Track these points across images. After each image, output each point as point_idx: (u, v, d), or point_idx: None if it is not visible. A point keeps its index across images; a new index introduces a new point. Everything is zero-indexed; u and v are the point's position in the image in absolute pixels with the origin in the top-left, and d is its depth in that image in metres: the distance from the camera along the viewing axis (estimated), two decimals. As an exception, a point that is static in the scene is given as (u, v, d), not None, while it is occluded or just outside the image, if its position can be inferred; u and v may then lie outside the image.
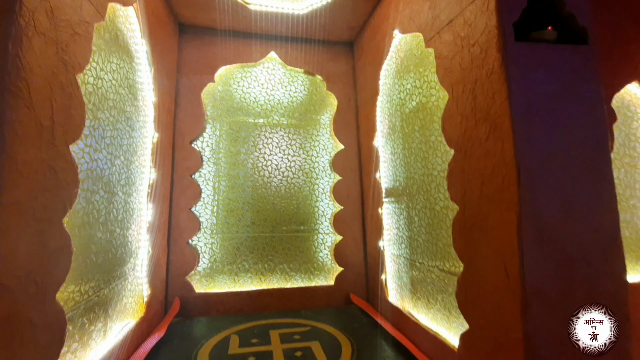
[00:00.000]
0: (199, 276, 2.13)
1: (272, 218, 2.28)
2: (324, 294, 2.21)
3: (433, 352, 1.39)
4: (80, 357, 1.13)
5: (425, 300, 1.58)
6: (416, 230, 1.67)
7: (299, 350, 1.45)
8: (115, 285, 1.41)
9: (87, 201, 1.19)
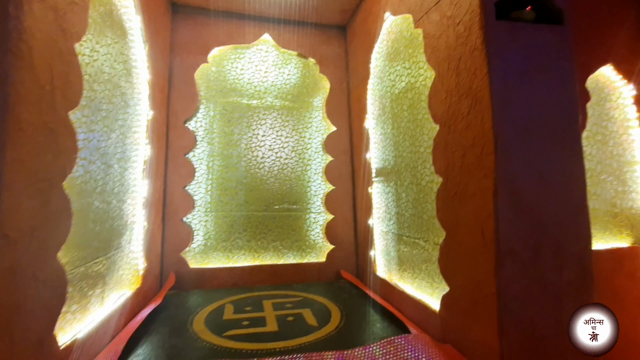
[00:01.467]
0: (194, 252, 2.18)
1: (265, 197, 2.34)
2: (316, 270, 2.28)
3: (417, 316, 1.48)
4: (80, 319, 1.18)
5: (411, 271, 1.66)
6: (403, 206, 1.75)
7: (290, 316, 1.53)
8: (112, 255, 1.46)
9: (84, 170, 1.23)
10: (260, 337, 1.30)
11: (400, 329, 1.39)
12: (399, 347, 1.12)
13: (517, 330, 1.00)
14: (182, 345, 1.25)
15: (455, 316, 1.20)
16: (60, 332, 1.04)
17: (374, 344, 1.15)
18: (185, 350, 1.21)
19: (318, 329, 1.39)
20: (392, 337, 1.17)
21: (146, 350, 1.21)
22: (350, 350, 1.12)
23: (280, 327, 1.41)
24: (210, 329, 1.37)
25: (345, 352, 1.12)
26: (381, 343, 1.15)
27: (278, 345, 1.23)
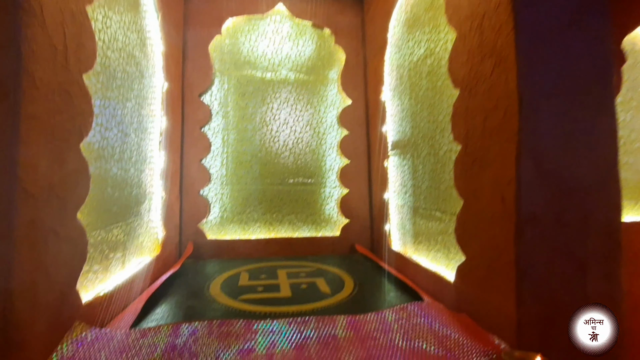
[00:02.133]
0: (211, 224, 2.23)
1: (280, 171, 2.33)
2: (330, 244, 2.29)
3: (432, 288, 1.46)
4: (102, 279, 1.23)
5: (426, 243, 1.63)
6: (420, 178, 1.70)
7: (304, 284, 1.55)
8: (131, 222, 1.51)
9: (102, 136, 1.25)
10: (274, 302, 1.33)
11: (413, 298, 1.38)
12: (412, 314, 1.12)
13: (535, 300, 0.96)
14: (198, 306, 1.29)
15: (471, 286, 1.18)
16: (82, 289, 1.09)
17: (386, 309, 1.14)
18: (201, 310, 1.25)
19: (331, 296, 1.40)
20: (405, 304, 1.16)
21: (164, 310, 1.26)
22: (362, 315, 1.13)
23: (293, 293, 1.43)
24: (226, 293, 1.41)
25: (357, 316, 1.12)
26: (394, 309, 1.14)
27: (291, 309, 1.25)
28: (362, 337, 1.03)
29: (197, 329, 1.00)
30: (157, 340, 0.96)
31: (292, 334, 1.03)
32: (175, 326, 1.01)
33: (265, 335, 1.02)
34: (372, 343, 1.01)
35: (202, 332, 1.00)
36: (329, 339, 1.03)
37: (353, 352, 0.96)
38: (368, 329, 1.07)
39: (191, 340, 0.97)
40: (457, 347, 0.97)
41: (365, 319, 1.11)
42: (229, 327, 1.02)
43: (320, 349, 0.97)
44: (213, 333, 1.00)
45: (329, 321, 1.09)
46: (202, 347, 0.95)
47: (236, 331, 1.02)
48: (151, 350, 0.94)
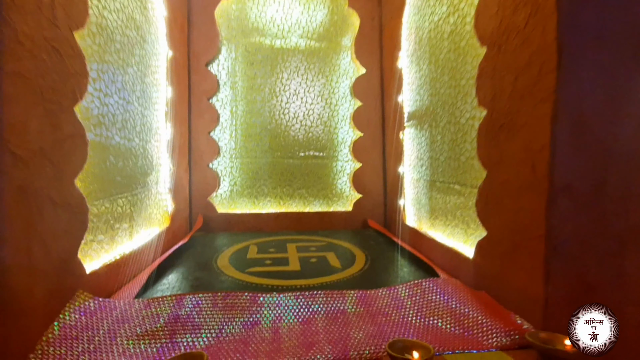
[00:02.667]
0: (220, 198, 2.20)
1: (290, 144, 2.25)
2: (342, 219, 2.24)
3: (448, 264, 1.39)
4: (107, 249, 1.21)
5: (443, 218, 1.54)
6: (438, 149, 1.59)
7: (314, 258, 1.50)
8: (138, 193, 1.48)
9: (101, 102, 1.19)
10: (282, 275, 1.29)
11: (428, 274, 1.32)
12: (427, 290, 1.05)
13: (566, 278, 0.87)
14: (205, 278, 1.27)
15: (492, 262, 1.09)
16: (87, 259, 1.07)
17: (399, 285, 1.08)
18: (208, 282, 1.22)
19: (341, 270, 1.35)
20: (420, 280, 1.10)
21: (171, 280, 1.24)
22: (373, 291, 1.07)
23: (302, 267, 1.39)
24: (234, 266, 1.38)
25: (368, 291, 1.06)
26: (407, 285, 1.08)
27: (299, 283, 1.20)
28: (373, 313, 0.98)
29: (201, 301, 0.97)
30: (160, 311, 0.94)
31: (299, 308, 0.99)
32: (179, 297, 0.97)
33: (271, 309, 0.98)
34: (383, 319, 0.95)
35: (205, 304, 0.96)
36: (337, 313, 0.98)
37: (363, 327, 0.91)
38: (379, 305, 1.01)
39: (195, 312, 0.94)
40: (476, 326, 0.90)
41: (377, 294, 1.05)
42: (233, 300, 0.98)
43: (328, 324, 0.92)
44: (217, 305, 0.96)
45: (339, 296, 1.04)
46: (206, 319, 0.92)
47: (241, 304, 0.98)
48: (154, 320, 0.91)
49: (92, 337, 0.85)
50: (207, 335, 0.87)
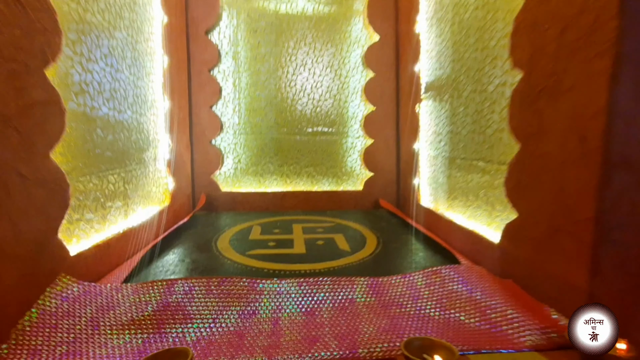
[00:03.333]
0: (224, 176, 2.09)
1: (298, 119, 2.11)
2: (352, 199, 2.11)
3: (469, 248, 1.26)
4: (99, 229, 1.13)
5: (463, 199, 1.40)
6: (460, 123, 1.43)
7: (321, 240, 1.40)
8: (133, 169, 1.38)
9: (83, 68, 1.07)
10: (285, 258, 1.19)
11: (448, 260, 1.19)
12: (447, 278, 0.93)
13: (618, 269, 0.74)
14: (202, 260, 1.18)
15: (523, 248, 0.96)
16: (72, 239, 0.98)
17: (415, 272, 0.96)
18: (205, 265, 1.13)
19: (350, 254, 1.24)
20: (438, 267, 0.98)
21: (166, 263, 1.15)
22: (386, 278, 0.95)
23: (308, 250, 1.28)
24: (234, 248, 1.29)
25: (380, 279, 0.95)
26: (424, 272, 0.96)
27: (304, 268, 1.10)
28: (386, 304, 0.87)
29: (193, 287, 0.88)
30: (149, 298, 0.85)
31: (302, 296, 0.88)
32: (169, 283, 0.88)
33: (271, 297, 0.88)
34: (397, 311, 0.84)
35: (198, 291, 0.87)
36: (345, 303, 0.87)
37: (374, 320, 0.80)
38: (393, 295, 0.90)
39: (186, 300, 0.84)
40: (505, 321, 0.78)
41: (390, 282, 0.94)
42: (230, 286, 0.89)
43: (334, 316, 0.82)
44: (211, 292, 0.87)
45: (347, 283, 0.93)
46: (198, 308, 0.83)
47: (238, 291, 0.88)
48: (142, 308, 0.82)
49: (72, 325, 0.77)
50: (199, 325, 0.78)
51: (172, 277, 1.04)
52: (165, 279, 0.90)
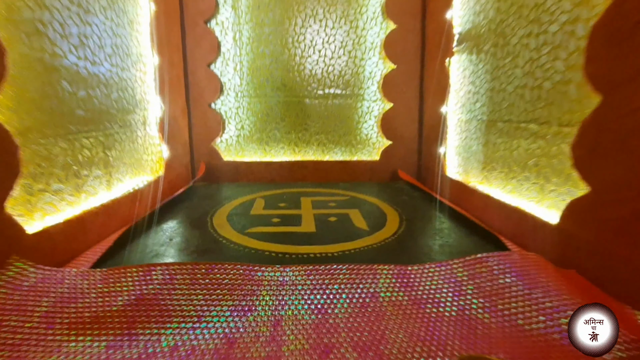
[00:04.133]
0: (226, 144, 1.90)
1: (307, 80, 1.86)
2: (367, 170, 1.90)
3: (510, 228, 1.05)
4: (72, 202, 0.96)
5: (504, 169, 1.18)
6: (504, 77, 1.17)
7: (333, 216, 1.20)
8: (115, 133, 1.19)
9: (36, 3, 0.85)
10: (291, 238, 1.00)
11: (489, 243, 0.99)
12: (496, 269, 0.73)
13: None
14: (193, 239, 1.00)
15: (594, 232, 0.75)
16: (37, 213, 0.82)
17: (453, 260, 0.77)
18: (195, 246, 0.96)
19: (369, 233, 1.05)
20: (483, 254, 0.77)
21: (150, 242, 0.98)
22: (416, 267, 0.76)
23: (318, 228, 1.10)
24: (232, 224, 1.11)
25: (409, 267, 0.76)
26: (465, 260, 0.76)
27: (313, 250, 0.92)
28: (418, 300, 0.68)
29: (175, 275, 0.70)
30: (120, 287, 0.68)
31: (311, 289, 0.70)
32: (146, 269, 0.71)
33: (272, 289, 0.70)
34: (433, 311, 0.65)
35: (181, 280, 0.70)
36: (366, 299, 0.69)
37: (404, 324, 0.61)
38: (427, 289, 0.71)
39: (165, 291, 0.67)
40: (582, 330, 0.58)
41: (422, 272, 0.75)
42: (220, 275, 0.71)
43: (352, 316, 0.64)
44: (197, 282, 0.69)
45: (368, 273, 0.74)
46: (180, 302, 0.66)
47: (230, 281, 0.70)
48: (110, 300, 0.66)
49: (21, 322, 0.61)
50: (179, 326, 0.61)
51: (153, 261, 0.87)
52: (141, 265, 0.73)
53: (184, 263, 0.74)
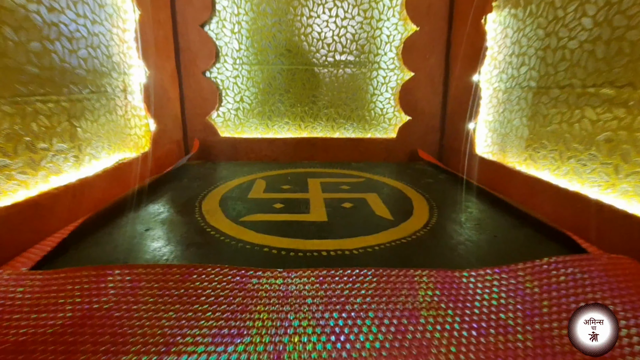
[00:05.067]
0: (223, 118, 1.68)
1: (315, 44, 1.62)
2: (382, 149, 1.69)
3: (570, 218, 0.85)
4: (24, 181, 0.76)
5: (559, 146, 0.96)
6: (565, 32, 0.94)
7: (347, 202, 1.00)
8: (85, 99, 0.98)
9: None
10: (297, 229, 0.81)
11: (549, 240, 0.79)
12: (580, 279, 0.53)
13: None
14: (174, 230, 0.81)
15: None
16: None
17: (515, 266, 0.57)
18: (175, 240, 0.76)
19: (394, 224, 0.85)
20: (555, 258, 0.57)
21: (117, 234, 0.79)
22: (467, 273, 0.56)
23: (331, 216, 0.90)
24: (224, 210, 0.91)
25: (456, 273, 0.56)
26: (533, 266, 0.56)
27: (325, 246, 0.72)
28: (476, 322, 0.49)
29: (138, 282, 0.52)
30: (64, 297, 0.49)
31: (325, 304, 0.51)
32: (101, 273, 0.52)
33: (271, 305, 0.51)
34: (500, 342, 0.46)
35: (147, 289, 0.51)
36: (402, 319, 0.49)
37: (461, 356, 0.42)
38: (486, 306, 0.51)
39: (123, 306, 0.49)
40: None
41: (476, 280, 0.55)
42: (201, 282, 0.52)
43: (384, 347, 0.45)
44: (168, 293, 0.51)
45: (402, 280, 0.55)
46: (142, 320, 0.47)
47: (215, 292, 0.51)
48: (48, 316, 0.47)
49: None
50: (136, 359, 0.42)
51: (118, 259, 0.67)
52: (94, 267, 0.54)
53: (152, 266, 0.55)
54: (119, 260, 0.65)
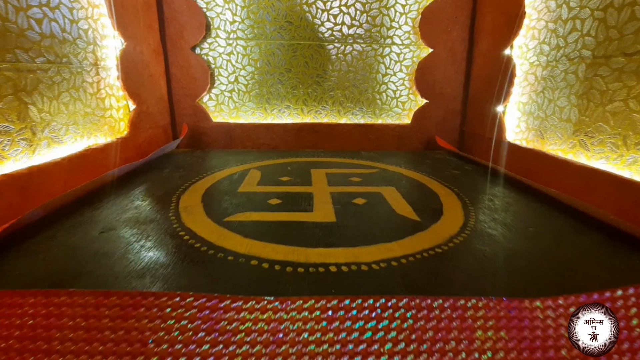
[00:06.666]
0: (216, 101, 1.50)
1: (319, 16, 1.42)
2: (395, 136, 1.51)
3: None
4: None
5: (622, 129, 0.77)
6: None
7: (359, 197, 0.82)
8: (40, 69, 0.81)
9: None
10: (297, 234, 0.63)
11: (631, 248, 0.61)
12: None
13: None
14: (138, 234, 0.63)
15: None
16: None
17: (611, 291, 0.39)
18: (133, 244, 0.59)
19: (422, 227, 0.66)
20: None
21: (69, 234, 0.62)
22: (540, 302, 0.39)
23: (340, 216, 0.72)
24: (206, 208, 0.73)
25: (523, 304, 0.38)
26: (637, 292, 0.39)
27: (335, 258, 0.55)
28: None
29: (53, 315, 0.34)
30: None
31: (342, 357, 0.33)
32: (19, 299, 0.35)
33: (253, 356, 0.33)
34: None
35: (66, 330, 0.33)
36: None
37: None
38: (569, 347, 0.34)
39: (27, 349, 0.31)
40: None
41: (555, 313, 0.38)
42: (145, 317, 0.35)
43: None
44: (101, 332, 0.33)
45: (453, 314, 0.37)
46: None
47: (177, 331, 0.34)
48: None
49: None
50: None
51: (39, 281, 0.49)
52: (13, 291, 0.37)
53: (81, 292, 0.37)
54: (47, 278, 0.47)
